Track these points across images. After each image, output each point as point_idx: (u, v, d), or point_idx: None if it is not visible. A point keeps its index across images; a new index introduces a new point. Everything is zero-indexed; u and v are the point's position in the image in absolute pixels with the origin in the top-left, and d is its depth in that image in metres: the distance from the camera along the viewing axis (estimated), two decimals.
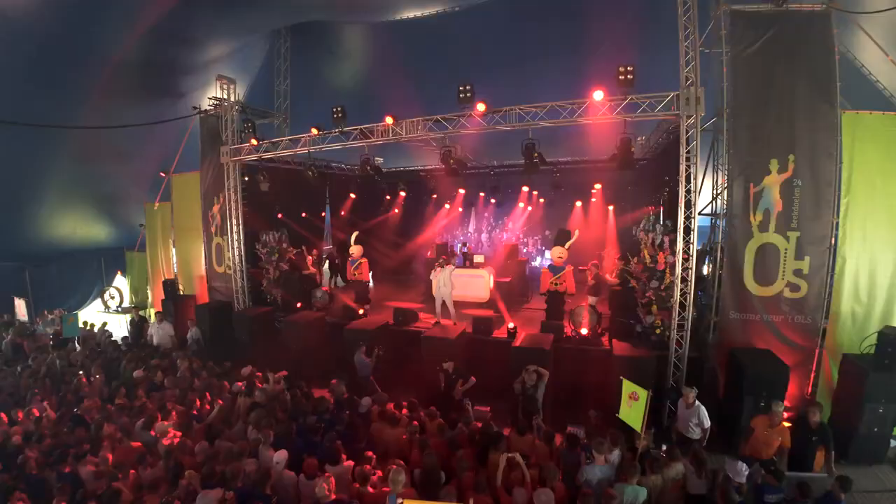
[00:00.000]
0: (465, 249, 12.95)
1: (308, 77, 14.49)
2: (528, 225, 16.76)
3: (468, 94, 7.44)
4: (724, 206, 7.52)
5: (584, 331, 8.33)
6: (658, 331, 7.74)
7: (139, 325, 10.00)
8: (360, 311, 10.30)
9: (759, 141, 7.13)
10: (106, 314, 14.26)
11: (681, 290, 7.24)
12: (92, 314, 14.39)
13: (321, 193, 14.41)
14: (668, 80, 7.26)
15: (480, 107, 7.41)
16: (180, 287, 13.47)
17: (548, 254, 15.80)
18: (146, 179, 14.04)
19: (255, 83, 14.89)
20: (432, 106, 8.43)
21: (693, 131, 7.11)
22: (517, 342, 7.56)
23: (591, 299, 9.46)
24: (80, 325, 10.52)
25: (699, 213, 7.34)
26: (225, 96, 11.31)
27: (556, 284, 9.22)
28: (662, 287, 7.65)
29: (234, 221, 11.11)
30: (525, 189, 12.62)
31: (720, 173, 7.84)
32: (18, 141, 10.78)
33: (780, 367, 6.53)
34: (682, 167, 7.13)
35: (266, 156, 10.49)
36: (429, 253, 14.68)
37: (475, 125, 7.77)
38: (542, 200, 15.50)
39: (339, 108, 8.75)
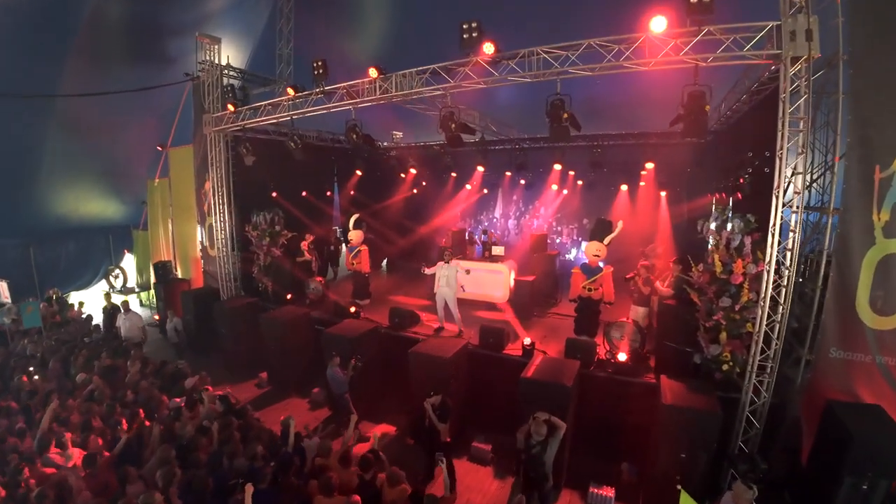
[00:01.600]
0: (486, 238, 11.01)
1: (314, 40, 12.84)
2: (562, 211, 14.49)
3: (474, 35, 5.47)
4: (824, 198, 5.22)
5: (622, 356, 6.33)
6: (725, 367, 5.64)
7: (111, 315, 9.06)
8: (352, 310, 8.76)
9: (892, 105, 4.72)
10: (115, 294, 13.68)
11: (768, 315, 5.09)
12: (98, 294, 13.94)
13: (327, 171, 12.86)
14: (758, 9, 4.98)
15: (488, 48, 5.42)
16: (177, 269, 12.60)
17: (584, 246, 13.59)
18: (146, 154, 13.18)
19: (258, 47, 13.46)
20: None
21: (801, 82, 4.82)
22: (529, 370, 5.71)
23: (638, 312, 7.37)
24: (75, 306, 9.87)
25: (801, 208, 5.06)
26: (209, 58, 9.86)
27: (589, 290, 7.20)
28: (737, 307, 5.49)
29: (220, 200, 9.83)
30: (557, 167, 10.29)
31: (817, 151, 5.53)
32: (6, 114, 10.09)
33: None
34: (783, 138, 4.87)
35: (251, 124, 9.00)
36: (443, 240, 12.89)
37: (483, 74, 5.79)
38: (579, 183, 13.14)
39: (319, 63, 7.04)
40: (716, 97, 8.91)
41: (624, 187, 11.78)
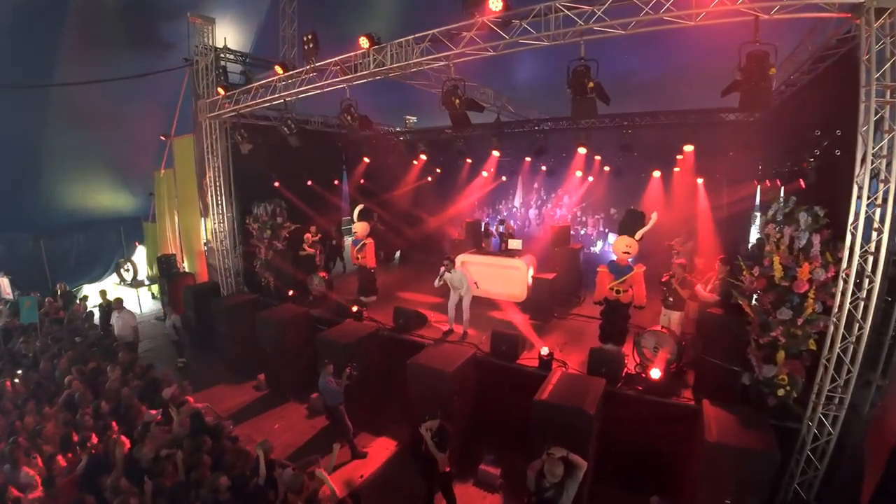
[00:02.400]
0: (503, 228, 10.09)
1: (320, 20, 12.05)
2: (587, 199, 13.36)
3: None
4: None
5: (655, 372, 5.41)
6: (781, 392, 4.69)
7: (107, 312, 8.73)
8: (354, 309, 8.11)
9: None
10: (123, 287, 13.58)
11: (842, 334, 4.09)
12: (110, 288, 13.87)
13: (334, 158, 12.14)
14: None
15: (495, 4, 4.50)
16: (183, 263, 12.27)
17: (612, 238, 12.48)
18: (152, 144, 12.84)
19: (263, 30, 12.77)
20: None
21: (887, 41, 3.76)
22: (545, 391, 4.89)
23: (671, 317, 6.39)
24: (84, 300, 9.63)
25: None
26: (204, 41, 9.22)
27: (617, 291, 6.27)
28: (800, 321, 4.50)
29: (218, 191, 9.31)
30: (582, 151, 9.06)
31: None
32: (5, 106, 9.87)
33: None
34: (867, 112, 3.82)
35: (246, 108, 8.36)
36: (456, 233, 12.06)
37: (491, 39, 4.87)
38: (606, 169, 11.98)
39: (309, 37, 6.28)
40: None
41: (657, 173, 10.54)
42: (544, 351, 6.06)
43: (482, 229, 11.58)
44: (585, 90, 4.65)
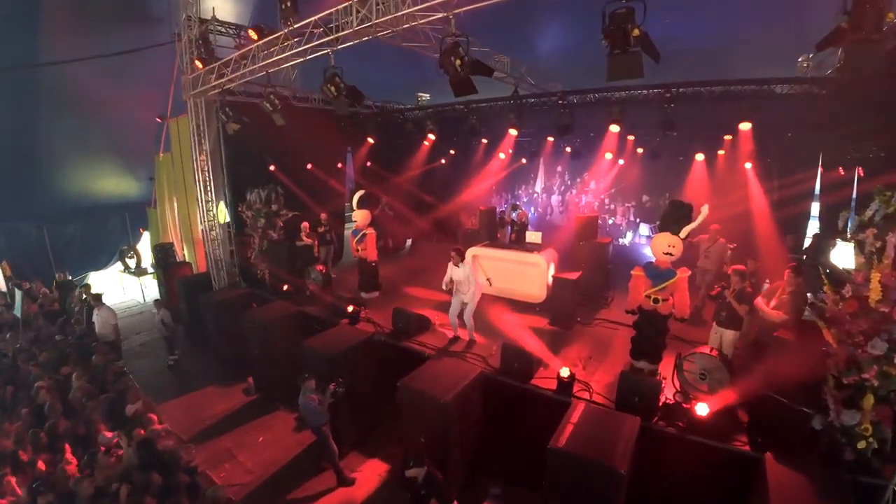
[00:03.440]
0: (516, 216, 8.99)
1: None
2: (616, 185, 12.04)
3: None
4: None
5: (702, 408, 4.37)
6: (862, 445, 3.61)
7: (91, 307, 8.21)
8: (350, 309, 7.30)
9: None
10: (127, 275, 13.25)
11: None
12: (115, 276, 13.61)
13: (337, 139, 11.16)
14: None
15: None
16: (183, 252, 11.74)
17: (644, 230, 11.21)
18: (151, 126, 12.25)
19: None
20: None
21: None
22: (562, 435, 3.92)
23: (724, 337, 5.26)
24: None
25: None
26: (189, 12, 8.30)
27: (655, 300, 5.20)
28: None
29: (204, 176, 8.57)
30: (615, 129, 7.40)
31: None
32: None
33: None
34: None
35: (229, 83, 7.46)
36: (470, 222, 11.04)
37: None
38: (639, 151, 10.65)
39: None
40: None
41: (700, 156, 9.16)
42: (564, 372, 5.08)
43: (497, 218, 10.51)
44: (627, 40, 3.49)
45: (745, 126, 6.61)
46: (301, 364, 6.12)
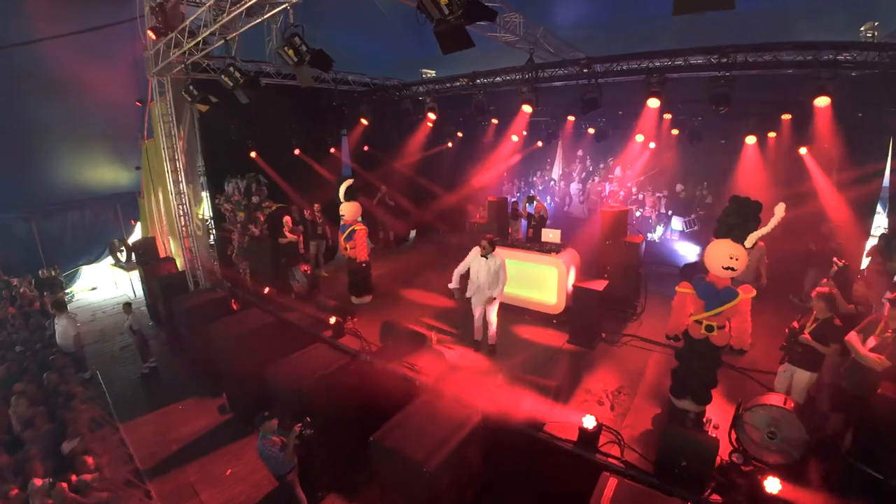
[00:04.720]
0: (532, 209, 7.75)
1: None
2: (647, 171, 10.58)
3: None
4: None
5: (773, 484, 3.18)
6: None
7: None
8: (332, 320, 6.26)
9: None
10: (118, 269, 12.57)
11: None
12: (106, 270, 12.99)
13: (329, 122, 9.98)
14: None
15: None
16: (168, 247, 10.90)
17: (676, 223, 9.79)
18: (134, 112, 11.41)
19: None
20: None
21: None
22: None
23: (801, 379, 3.97)
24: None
25: None
26: None
27: (709, 328, 3.95)
28: None
29: (174, 165, 7.61)
30: (654, 104, 5.99)
31: None
32: None
33: None
34: None
35: (193, 59, 6.38)
36: (477, 214, 9.82)
37: None
38: (674, 132, 9.17)
39: None
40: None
41: (751, 139, 7.64)
42: (589, 423, 3.92)
43: (509, 210, 9.26)
44: None
45: (822, 101, 5.17)
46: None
